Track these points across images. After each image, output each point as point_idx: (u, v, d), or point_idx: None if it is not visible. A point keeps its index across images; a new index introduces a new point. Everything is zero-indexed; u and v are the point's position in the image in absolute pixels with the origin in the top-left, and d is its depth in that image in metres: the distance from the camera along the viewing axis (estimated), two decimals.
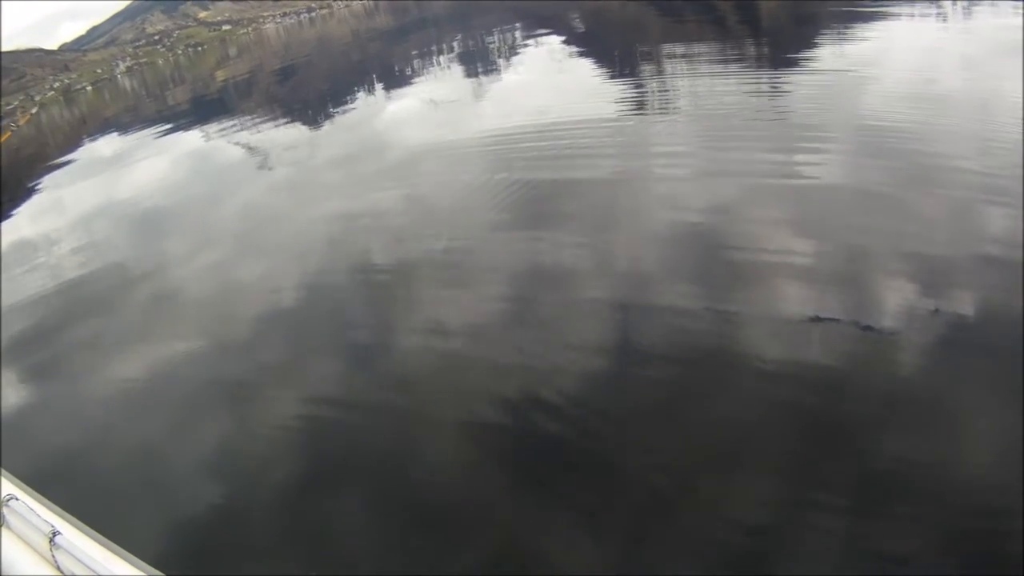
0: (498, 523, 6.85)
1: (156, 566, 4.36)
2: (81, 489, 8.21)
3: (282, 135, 33.00)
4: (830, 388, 7.27)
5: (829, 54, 20.37)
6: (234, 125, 40.32)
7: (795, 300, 8.90)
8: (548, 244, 12.31)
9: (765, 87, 18.64)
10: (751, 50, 25.23)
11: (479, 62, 39.52)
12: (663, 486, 6.70)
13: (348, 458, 8.39)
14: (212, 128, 41.63)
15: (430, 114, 27.63)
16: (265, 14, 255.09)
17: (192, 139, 39.93)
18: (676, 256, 10.77)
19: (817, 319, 8.41)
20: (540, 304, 10.62)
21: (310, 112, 38.03)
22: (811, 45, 21.97)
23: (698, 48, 27.40)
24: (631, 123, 18.39)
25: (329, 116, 34.56)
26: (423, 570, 6.56)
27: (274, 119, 38.94)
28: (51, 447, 10.34)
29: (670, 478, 6.75)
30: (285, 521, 7.63)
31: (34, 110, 44.59)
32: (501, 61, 37.17)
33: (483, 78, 32.81)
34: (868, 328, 8.02)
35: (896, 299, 8.35)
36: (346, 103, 36.75)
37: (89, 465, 9.64)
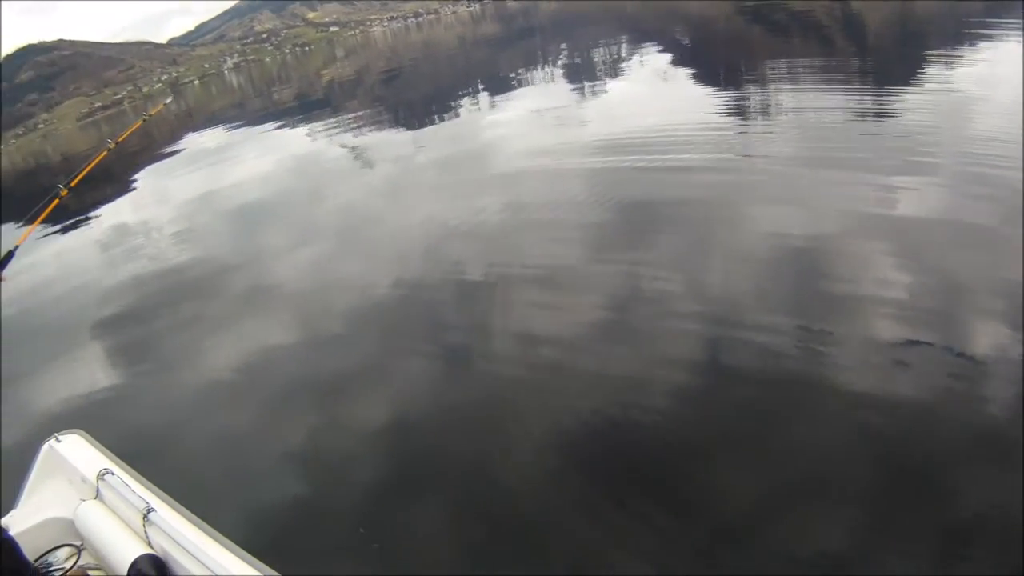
0: (562, 533, 6.90)
1: (245, 547, 4.47)
2: (174, 468, 8.35)
3: (384, 137, 33.17)
4: (915, 419, 7.19)
5: (936, 73, 20.08)
6: (337, 125, 40.64)
7: (885, 330, 8.79)
8: (635, 259, 12.28)
9: (868, 106, 18.43)
10: (856, 68, 24.92)
11: (583, 73, 39.38)
12: (733, 510, 6.68)
13: (428, 454, 8.46)
14: (315, 126, 41.97)
15: (532, 123, 27.59)
16: (373, 17, 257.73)
17: (295, 136, 40.43)
18: (761, 277, 10.70)
19: (906, 350, 8.31)
20: (625, 318, 10.60)
21: (413, 115, 38.19)
22: (918, 64, 21.67)
23: (803, 65, 27.10)
24: (731, 139, 18.29)
25: (432, 120, 34.65)
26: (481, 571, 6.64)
27: (377, 121, 39.14)
28: (145, 426, 10.54)
29: (741, 503, 6.73)
30: (363, 513, 7.71)
31: (168, 100, 45.03)
32: (605, 73, 37.00)
33: (587, 89, 32.69)
34: (959, 360, 7.90)
35: (988, 333, 8.23)
36: (450, 108, 36.79)
37: (182, 445, 9.81)
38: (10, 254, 5.08)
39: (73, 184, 6.13)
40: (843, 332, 8.84)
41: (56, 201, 5.98)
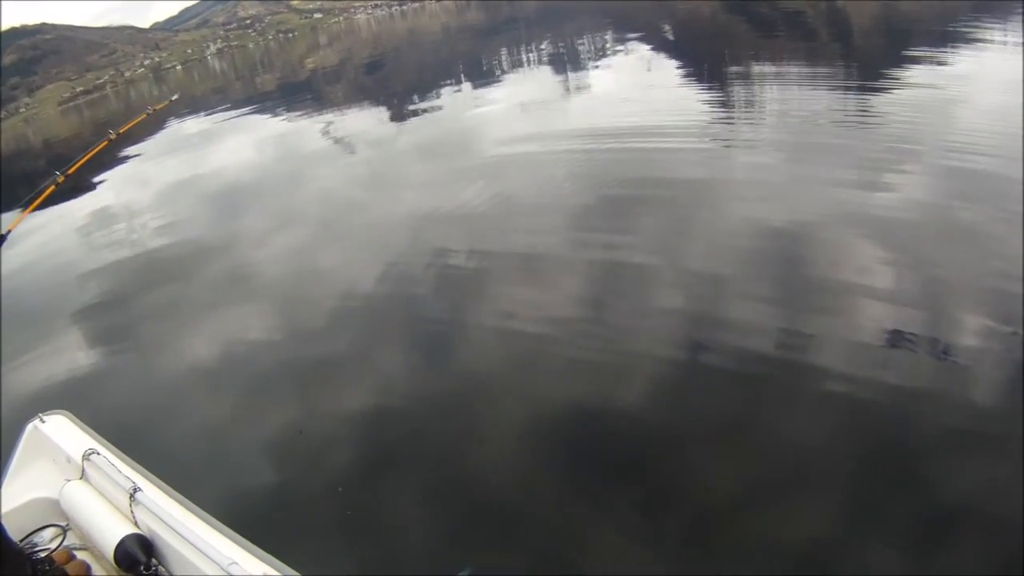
0: (537, 519, 6.93)
1: (230, 525, 4.48)
2: (159, 448, 8.36)
3: (367, 124, 33.18)
4: (896, 412, 7.23)
5: (919, 71, 20.18)
6: (320, 112, 40.74)
7: (866, 321, 8.84)
8: (616, 247, 12.33)
9: (851, 101, 18.52)
10: (839, 66, 24.99)
11: (568, 64, 39.47)
12: (711, 500, 6.73)
13: (405, 438, 8.51)
14: (298, 113, 42.00)
15: (515, 111, 27.64)
16: (357, 4, 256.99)
17: (277, 123, 40.42)
18: (742, 267, 10.76)
19: (887, 342, 8.36)
20: (606, 306, 10.65)
21: (396, 103, 38.18)
22: (902, 61, 21.78)
23: (787, 60, 27.20)
24: (713, 130, 18.36)
25: (415, 108, 34.64)
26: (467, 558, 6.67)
27: (360, 108, 39.18)
28: (129, 407, 10.55)
29: (719, 493, 6.78)
30: (343, 494, 7.75)
31: (175, 97, 44.59)
32: (590, 64, 37.08)
33: (571, 80, 32.75)
34: (940, 352, 7.97)
35: (971, 325, 8.29)
36: (433, 96, 36.81)
37: (166, 426, 9.83)
38: (1, 238, 5.08)
39: (71, 172, 6.13)
40: (825, 323, 8.92)
41: (52, 188, 5.98)
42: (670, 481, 6.97)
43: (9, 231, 5.18)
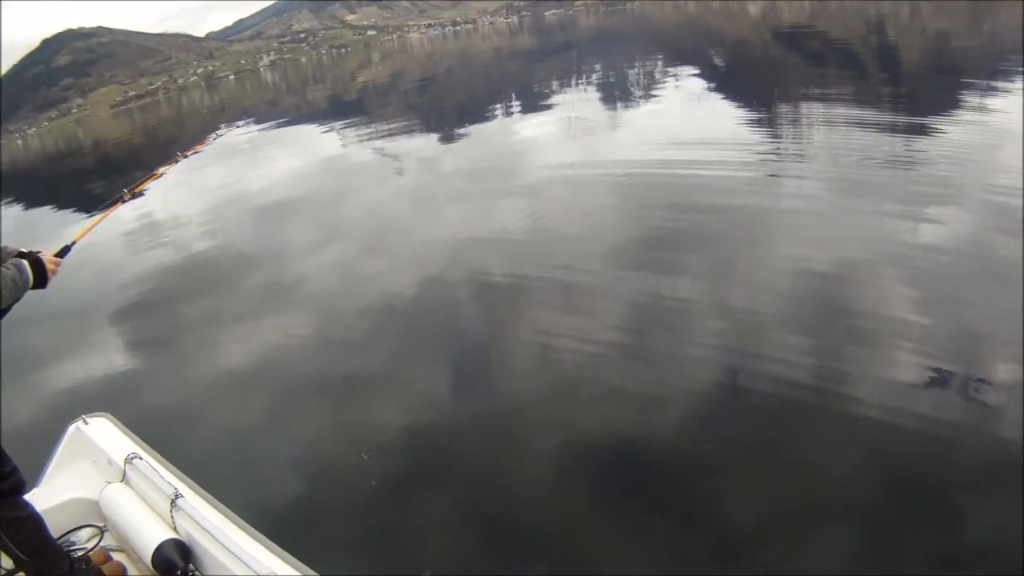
0: (565, 538, 6.99)
1: (268, 535, 4.53)
2: (199, 455, 8.45)
3: (415, 142, 33.30)
4: (927, 449, 7.23)
5: (965, 110, 20.09)
6: (369, 128, 40.94)
7: (901, 359, 8.83)
8: (656, 276, 12.36)
9: (897, 139, 18.47)
10: (888, 101, 24.89)
11: (617, 91, 39.51)
12: (739, 527, 6.75)
13: (442, 453, 8.57)
14: (347, 128, 42.29)
15: (562, 137, 27.71)
16: (411, 23, 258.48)
17: (326, 137, 40.88)
18: (781, 299, 10.76)
19: (922, 380, 8.35)
20: (645, 333, 10.67)
21: (446, 123, 38.33)
22: (951, 97, 21.68)
23: (834, 95, 27.10)
24: (760, 161, 18.36)
25: (464, 128, 34.81)
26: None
27: (410, 126, 39.32)
28: (170, 412, 10.66)
29: (747, 521, 6.80)
30: (377, 504, 7.82)
31: (241, 123, 44.53)
32: (638, 91, 37.07)
33: (619, 107, 32.81)
34: (974, 392, 7.95)
35: (1005, 367, 8.27)
36: (482, 117, 37.00)
37: (207, 433, 9.92)
38: (67, 248, 5.16)
39: (136, 190, 6.26)
40: (858, 359, 8.90)
41: (118, 204, 6.10)
42: (698, 508, 6.97)
43: (74, 243, 5.29)
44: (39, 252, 4.83)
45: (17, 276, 4.24)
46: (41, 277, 4.41)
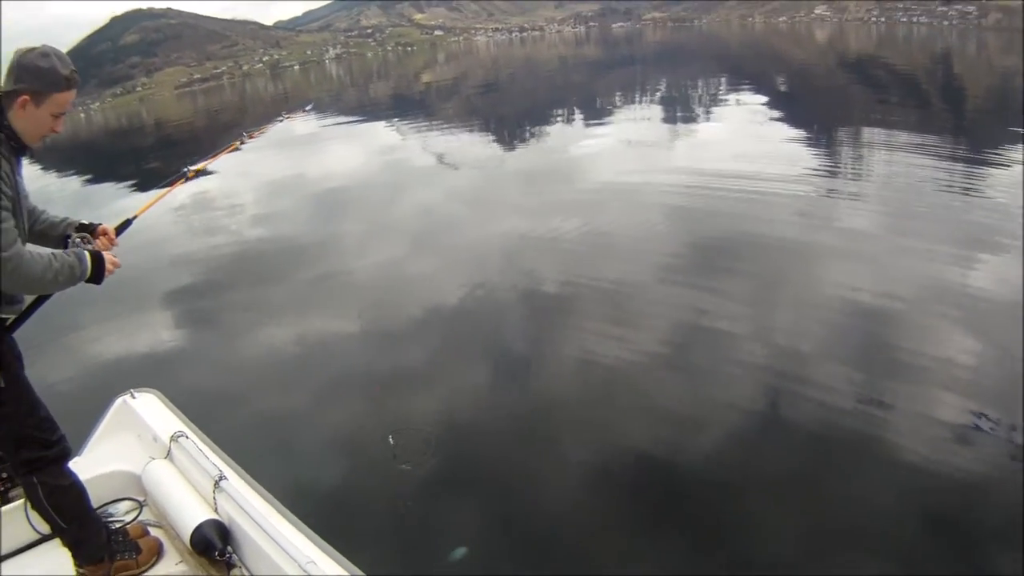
0: (591, 549, 7.01)
1: (310, 525, 4.54)
2: (240, 437, 8.49)
3: (474, 145, 33.46)
4: (962, 493, 7.19)
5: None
6: (430, 128, 41.14)
7: (944, 401, 8.78)
8: (703, 295, 12.35)
9: (956, 174, 18.37)
10: (949, 134, 24.73)
11: (678, 107, 39.53)
12: (765, 553, 6.75)
13: (475, 455, 8.61)
14: (408, 126, 42.46)
15: (621, 150, 27.72)
16: (478, 26, 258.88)
17: (386, 133, 41.06)
18: (827, 330, 10.74)
19: (963, 424, 8.30)
20: (686, 351, 10.67)
21: (506, 128, 38.41)
22: (1010, 136, 21.55)
23: (898, 125, 26.96)
24: (816, 189, 18.33)
25: (524, 135, 34.90)
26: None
27: (470, 129, 39.46)
28: (215, 393, 10.73)
29: (774, 547, 6.80)
30: (407, 501, 7.87)
31: (309, 107, 45.02)
32: (700, 109, 37.06)
33: (680, 123, 32.85)
34: (1016, 439, 7.88)
35: None
36: (541, 125, 37.10)
37: (251, 417, 9.98)
38: (128, 222, 5.23)
39: (199, 169, 6.30)
40: (902, 397, 8.85)
41: (180, 182, 6.15)
42: (725, 530, 6.95)
43: (135, 217, 5.36)
44: (100, 225, 4.93)
45: (76, 266, 4.29)
46: (98, 273, 4.47)
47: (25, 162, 4.42)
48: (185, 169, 6.12)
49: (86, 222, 4.90)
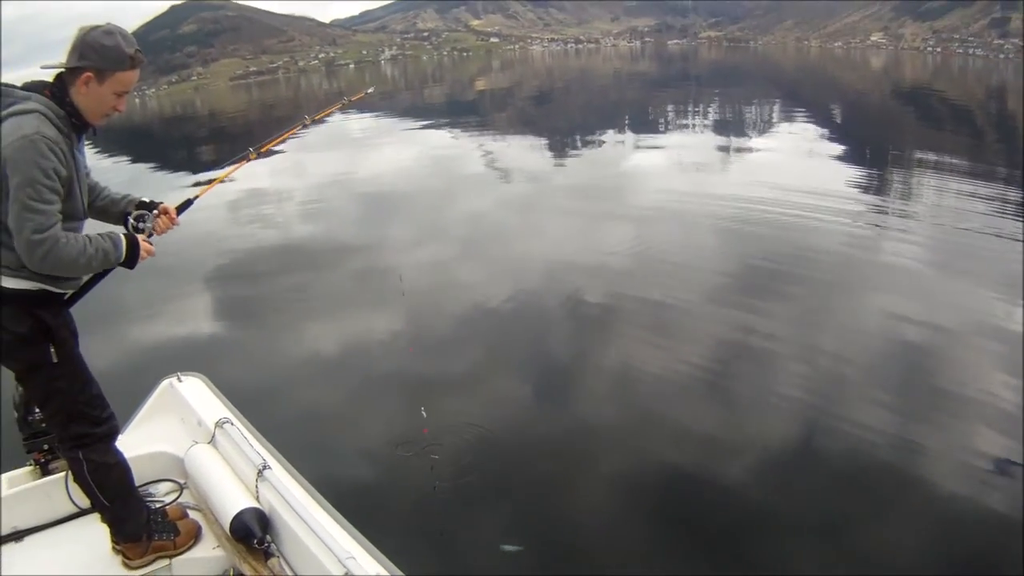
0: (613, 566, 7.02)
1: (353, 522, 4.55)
2: (286, 429, 8.51)
3: (525, 154, 33.48)
4: (1001, 536, 7.12)
5: None
6: (482, 134, 41.28)
7: (985, 440, 8.70)
8: (747, 320, 12.31)
9: (1008, 209, 18.27)
10: (1001, 170, 24.56)
11: (731, 128, 39.43)
12: None
13: (507, 464, 8.60)
14: (460, 131, 42.56)
15: (671, 168, 27.73)
16: (534, 35, 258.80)
17: (438, 137, 41.25)
18: (868, 362, 10.67)
19: (1002, 462, 8.23)
20: (725, 376, 10.64)
21: (557, 139, 38.45)
22: None
23: (948, 157, 26.85)
24: (866, 217, 18.27)
25: (575, 147, 34.97)
26: None
27: (522, 137, 39.55)
28: (259, 382, 10.78)
29: None
30: (438, 508, 7.89)
31: (370, 90, 45.56)
32: (753, 131, 37.00)
33: (732, 144, 32.79)
34: None
35: None
36: (594, 139, 37.15)
37: (288, 407, 10.03)
38: (188, 202, 5.28)
39: (263, 150, 6.31)
40: (940, 433, 8.80)
41: (243, 162, 6.16)
42: (753, 557, 6.92)
43: (197, 197, 5.42)
44: (161, 203, 4.99)
45: (111, 251, 4.32)
46: (132, 257, 4.51)
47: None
48: (248, 149, 6.14)
49: (147, 200, 4.96)
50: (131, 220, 4.71)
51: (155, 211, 4.89)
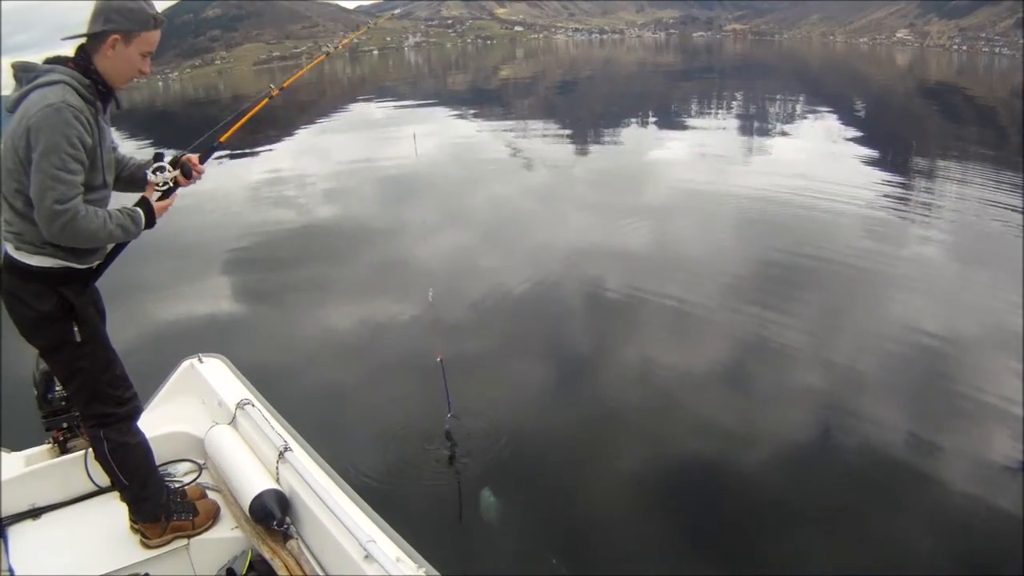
0: (628, 557, 7.02)
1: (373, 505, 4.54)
2: (307, 412, 8.50)
3: (547, 143, 33.47)
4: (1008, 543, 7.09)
5: None
6: (505, 122, 41.31)
7: (1001, 443, 8.68)
8: (765, 316, 12.27)
9: None
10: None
11: (754, 122, 39.29)
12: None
13: (524, 452, 8.60)
14: (482, 119, 42.58)
15: (693, 161, 27.65)
16: (559, 24, 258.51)
17: (461, 124, 41.13)
18: (887, 361, 10.64)
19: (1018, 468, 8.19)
20: (744, 370, 10.61)
21: (580, 129, 38.38)
22: None
23: (972, 157, 26.72)
24: (887, 215, 18.21)
25: (597, 137, 34.87)
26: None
27: (545, 126, 39.51)
28: (278, 364, 10.79)
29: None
30: (458, 494, 7.92)
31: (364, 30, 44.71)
32: (776, 126, 36.84)
33: (754, 138, 32.70)
34: None
35: None
36: (616, 129, 37.09)
37: (307, 390, 10.05)
38: (212, 150, 5.28)
39: (285, 86, 6.21)
40: (955, 436, 8.76)
41: (265, 101, 6.06)
42: (767, 554, 6.92)
43: (221, 141, 5.41)
44: (184, 155, 4.98)
45: (130, 227, 4.31)
46: (150, 223, 4.53)
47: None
48: (270, 87, 6.09)
49: (163, 152, 4.94)
50: (149, 173, 4.70)
51: (177, 163, 4.85)
